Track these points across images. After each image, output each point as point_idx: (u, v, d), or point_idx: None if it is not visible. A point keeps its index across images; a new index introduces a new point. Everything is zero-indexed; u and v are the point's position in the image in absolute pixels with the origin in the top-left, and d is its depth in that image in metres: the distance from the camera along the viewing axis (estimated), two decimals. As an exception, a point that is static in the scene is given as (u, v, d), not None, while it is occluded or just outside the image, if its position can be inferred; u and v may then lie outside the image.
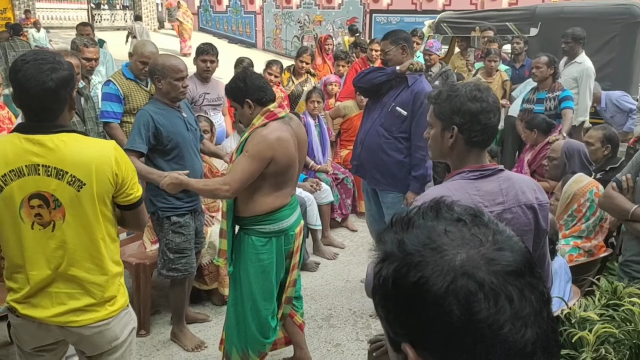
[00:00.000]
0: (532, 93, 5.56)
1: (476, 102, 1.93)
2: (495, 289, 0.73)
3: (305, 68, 6.38)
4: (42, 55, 2.04)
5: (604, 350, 2.24)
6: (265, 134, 2.81)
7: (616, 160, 4.02)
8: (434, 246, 0.78)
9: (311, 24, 18.99)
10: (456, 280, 0.73)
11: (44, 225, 2.06)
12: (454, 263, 0.75)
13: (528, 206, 1.98)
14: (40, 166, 2.01)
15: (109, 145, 2.15)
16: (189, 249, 3.57)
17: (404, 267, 0.78)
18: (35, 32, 15.58)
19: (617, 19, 6.64)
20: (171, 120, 3.33)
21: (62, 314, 2.13)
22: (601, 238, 3.25)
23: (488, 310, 0.72)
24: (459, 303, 0.72)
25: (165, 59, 3.38)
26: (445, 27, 8.13)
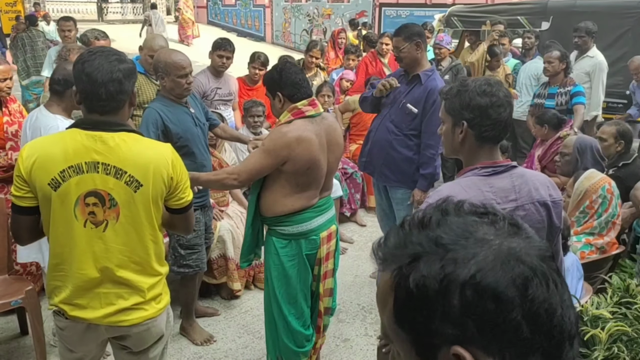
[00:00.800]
0: (543, 88, 5.51)
1: (485, 96, 1.91)
2: (545, 273, 0.73)
3: (315, 63, 6.36)
4: (109, 48, 2.12)
5: (616, 348, 2.23)
6: (285, 132, 2.74)
7: (629, 156, 3.99)
8: (478, 237, 0.76)
9: (320, 17, 18.92)
10: (513, 268, 0.72)
11: (97, 224, 2.05)
12: (503, 251, 0.74)
13: (541, 203, 1.97)
14: (100, 164, 2.00)
15: (166, 148, 2.16)
16: (200, 244, 3.56)
17: (450, 262, 0.73)
18: (45, 25, 15.62)
19: (630, 13, 6.57)
20: (179, 116, 3.29)
21: (111, 314, 2.13)
22: (613, 235, 3.23)
23: (544, 295, 0.71)
24: (518, 290, 0.71)
25: (168, 55, 3.31)
26: (455, 21, 8.07)
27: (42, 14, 16.48)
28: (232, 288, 4.23)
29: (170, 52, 3.36)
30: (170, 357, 3.58)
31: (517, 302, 0.70)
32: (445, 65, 6.60)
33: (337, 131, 2.98)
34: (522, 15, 7.42)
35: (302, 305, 2.97)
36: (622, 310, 2.44)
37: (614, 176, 3.80)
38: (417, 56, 3.82)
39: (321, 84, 5.78)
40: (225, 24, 22.66)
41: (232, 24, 22.35)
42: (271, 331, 3.02)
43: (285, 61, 2.96)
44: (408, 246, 0.78)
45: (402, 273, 0.77)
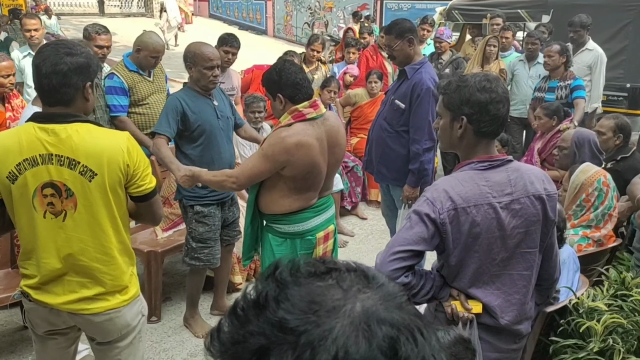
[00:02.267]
0: (543, 81, 5.52)
1: (485, 92, 1.94)
2: (409, 325, 0.63)
3: (317, 56, 6.36)
4: (65, 42, 2.11)
5: (611, 340, 2.26)
6: (284, 137, 2.67)
7: (628, 149, 4.00)
8: (328, 307, 0.63)
9: (322, 10, 18.88)
10: (375, 333, 0.61)
11: (56, 214, 2.09)
12: (358, 315, 0.62)
13: (536, 197, 1.99)
14: (54, 155, 2.04)
15: (121, 135, 2.17)
16: (213, 239, 3.55)
17: (305, 349, 0.60)
18: (46, 19, 15.60)
19: (631, 6, 6.55)
20: (200, 107, 3.34)
21: (73, 301, 2.17)
22: (610, 227, 3.25)
23: (414, 352, 0.62)
24: (388, 357, 0.61)
25: (197, 46, 3.36)
26: (456, 14, 8.07)
27: (43, 7, 16.45)
28: (233, 282, 4.26)
29: (200, 44, 3.40)
30: (172, 350, 3.62)
31: None
32: (445, 59, 6.61)
33: (339, 132, 2.92)
34: (522, 9, 7.41)
35: None
36: (617, 303, 2.47)
37: (613, 170, 3.81)
38: (410, 52, 3.77)
39: (329, 79, 5.77)
40: (226, 17, 22.61)
41: (234, 17, 22.30)
42: None
43: (284, 60, 2.93)
44: (248, 339, 0.63)
45: None
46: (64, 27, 16.87)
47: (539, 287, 2.16)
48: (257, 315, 0.64)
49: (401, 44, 3.72)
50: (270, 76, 2.80)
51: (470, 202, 1.92)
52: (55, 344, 2.33)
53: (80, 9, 21.88)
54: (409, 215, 1.97)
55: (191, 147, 3.37)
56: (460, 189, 1.93)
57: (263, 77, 2.90)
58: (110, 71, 4.42)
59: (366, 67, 6.81)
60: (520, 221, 1.97)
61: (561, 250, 2.59)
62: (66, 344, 2.37)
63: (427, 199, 1.94)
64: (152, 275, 3.87)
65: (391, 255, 1.92)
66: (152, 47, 4.31)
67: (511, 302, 2.04)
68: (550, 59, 5.28)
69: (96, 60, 2.17)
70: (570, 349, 2.36)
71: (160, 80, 4.58)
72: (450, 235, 1.94)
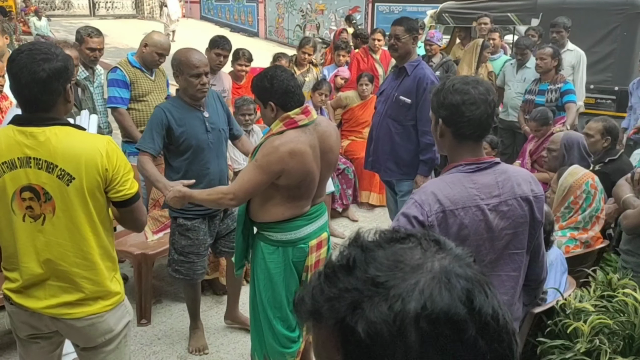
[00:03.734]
0: (534, 84, 5.57)
1: (457, 94, 1.94)
2: (480, 280, 0.72)
3: (308, 59, 6.38)
4: (38, 46, 2.05)
5: (598, 340, 2.28)
6: (277, 145, 2.61)
7: (615, 152, 4.04)
8: (412, 264, 0.72)
9: (313, 12, 18.91)
10: (455, 286, 0.69)
11: (35, 218, 2.07)
12: (439, 271, 0.71)
13: (523, 198, 2.01)
14: (32, 159, 2.02)
15: (100, 139, 2.13)
16: (196, 254, 3.41)
17: (396, 299, 0.68)
18: (36, 20, 15.55)
19: (619, 10, 6.62)
20: (188, 120, 3.18)
21: (54, 306, 2.14)
22: (598, 229, 3.28)
23: (486, 303, 0.70)
24: (466, 306, 0.68)
25: (183, 53, 3.19)
26: (447, 17, 8.11)
27: (33, 8, 16.39)
28: (224, 284, 4.26)
29: (186, 50, 3.23)
30: (162, 352, 3.62)
31: (469, 319, 0.68)
32: (436, 62, 6.64)
33: (331, 137, 2.85)
34: (512, 12, 7.46)
35: (287, 310, 2.89)
36: (604, 304, 2.49)
37: (601, 172, 3.85)
38: (411, 49, 3.98)
39: (320, 81, 5.80)
40: (218, 19, 22.59)
41: (225, 19, 22.28)
42: (257, 331, 2.96)
43: (275, 67, 2.83)
44: (343, 294, 0.71)
45: (346, 325, 0.69)
46: (54, 28, 16.80)
47: (526, 287, 2.18)
48: (347, 274, 0.72)
49: (408, 38, 3.92)
50: (261, 83, 2.72)
51: (458, 204, 1.93)
52: (38, 348, 2.31)
53: (71, 10, 21.80)
54: (397, 217, 1.98)
55: (178, 161, 3.25)
56: (448, 192, 1.94)
57: (253, 84, 2.78)
58: (115, 65, 4.47)
59: (357, 70, 6.84)
60: (508, 223, 1.99)
61: (549, 252, 2.62)
62: (50, 348, 2.34)
63: (415, 202, 1.95)
64: (143, 277, 3.86)
65: None
66: (160, 44, 4.37)
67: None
68: (543, 61, 5.33)
69: (71, 59, 2.12)
70: (558, 349, 2.39)
71: (161, 81, 4.63)
72: None
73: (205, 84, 3.15)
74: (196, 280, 3.53)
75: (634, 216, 2.94)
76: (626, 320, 2.32)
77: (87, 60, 4.45)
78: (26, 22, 16.06)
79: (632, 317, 2.32)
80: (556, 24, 6.08)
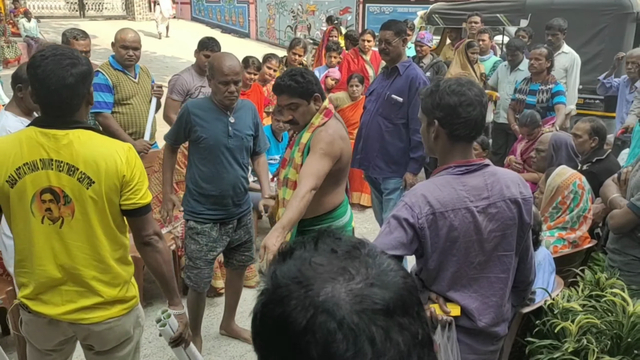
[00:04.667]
0: (524, 83, 5.60)
1: (454, 95, 1.96)
2: (354, 329, 0.68)
3: (298, 60, 6.38)
4: (61, 50, 2.05)
5: (585, 340, 2.30)
6: (332, 133, 2.82)
7: (603, 152, 4.08)
8: (302, 279, 0.73)
9: (304, 13, 18.91)
10: (315, 317, 0.69)
11: (54, 220, 2.07)
12: (317, 299, 0.70)
13: (512, 200, 2.02)
14: (54, 161, 2.03)
15: (121, 145, 2.14)
16: (204, 260, 3.36)
17: (271, 302, 0.73)
18: (25, 22, 15.45)
19: (607, 11, 6.68)
20: (211, 120, 3.21)
21: (72, 311, 2.15)
22: (585, 229, 3.31)
23: (346, 352, 0.67)
24: (317, 342, 0.68)
25: (218, 58, 3.23)
26: (437, 18, 8.14)
27: (23, 10, 16.27)
28: (215, 286, 4.26)
29: (222, 56, 3.25)
30: (153, 356, 3.62)
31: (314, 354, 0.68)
32: (426, 63, 6.67)
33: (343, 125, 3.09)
34: (501, 13, 7.50)
35: None
36: (592, 303, 2.51)
37: (588, 172, 3.88)
38: (402, 51, 4.09)
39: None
40: (209, 20, 22.54)
41: (216, 20, 22.24)
42: None
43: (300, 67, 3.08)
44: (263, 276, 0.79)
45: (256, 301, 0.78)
46: (44, 29, 16.69)
47: (515, 289, 2.19)
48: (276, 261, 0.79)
49: (398, 41, 4.02)
50: (306, 79, 2.87)
51: (448, 206, 1.94)
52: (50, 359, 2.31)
53: (60, 12, 21.65)
54: (388, 220, 1.99)
55: (196, 157, 3.29)
56: (438, 194, 1.95)
57: (292, 87, 2.88)
58: (96, 69, 4.41)
59: (347, 71, 6.84)
60: (497, 225, 2.00)
61: (537, 252, 2.64)
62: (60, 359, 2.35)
63: (405, 204, 1.96)
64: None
65: None
66: (121, 38, 4.31)
67: (488, 304, 2.07)
68: (538, 62, 5.35)
69: (89, 60, 2.15)
70: (546, 349, 2.41)
71: (145, 83, 4.58)
72: (429, 240, 1.96)
73: (233, 92, 3.15)
74: (203, 290, 3.48)
75: (620, 216, 2.97)
76: (614, 319, 2.34)
77: None
78: (15, 23, 15.94)
79: (619, 316, 2.34)
80: (552, 26, 6.11)
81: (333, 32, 8.22)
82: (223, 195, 3.29)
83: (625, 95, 5.71)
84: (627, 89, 5.68)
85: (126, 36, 4.33)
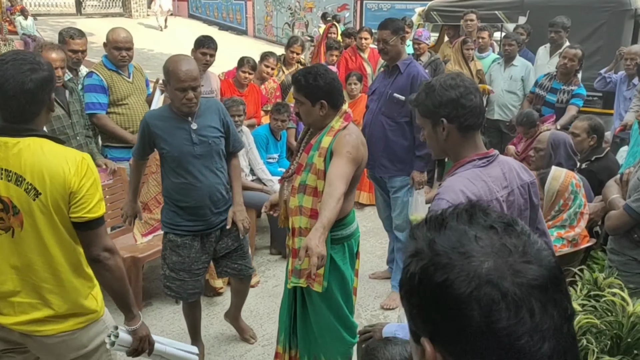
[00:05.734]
0: (547, 79, 5.57)
1: (453, 89, 1.99)
2: (517, 301, 0.74)
3: (296, 58, 6.38)
4: (22, 55, 2.00)
5: (585, 340, 2.29)
6: (355, 137, 2.77)
7: (601, 150, 4.07)
8: (463, 250, 0.78)
9: (302, 10, 18.88)
10: (480, 287, 0.75)
11: (5, 230, 2.01)
12: (480, 270, 0.76)
13: (524, 185, 2.10)
14: (3, 170, 1.97)
15: (73, 155, 2.04)
16: (187, 271, 3.22)
17: (431, 266, 0.79)
18: (22, 19, 15.41)
19: (605, 7, 6.66)
20: (171, 130, 3.04)
21: (24, 322, 2.09)
22: (583, 225, 3.30)
23: (508, 321, 0.73)
24: (481, 310, 0.74)
25: (173, 62, 2.98)
26: (435, 16, 8.12)
27: (19, 8, 16.21)
28: (214, 286, 4.27)
29: (177, 60, 2.99)
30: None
31: (476, 319, 0.74)
32: (424, 60, 6.65)
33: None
34: (500, 10, 7.49)
35: (352, 302, 3.03)
36: (591, 303, 2.51)
37: (587, 170, 3.88)
38: (401, 49, 4.05)
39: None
40: (206, 17, 22.49)
41: (214, 17, 22.19)
42: (329, 331, 2.94)
43: (319, 65, 2.90)
44: (414, 239, 0.85)
45: (408, 260, 0.84)
46: (40, 27, 16.65)
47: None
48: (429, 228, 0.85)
49: (396, 39, 3.98)
50: (316, 83, 2.73)
51: (483, 199, 1.97)
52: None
53: (57, 9, 21.58)
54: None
55: (165, 171, 3.15)
56: (473, 188, 1.98)
57: (301, 83, 2.77)
58: (90, 70, 4.39)
59: (345, 69, 6.84)
60: (514, 211, 2.07)
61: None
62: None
63: (447, 202, 1.94)
64: (132, 280, 3.84)
65: None
66: (113, 39, 4.27)
67: None
68: (571, 62, 5.32)
69: (51, 66, 2.08)
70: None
71: (139, 81, 4.55)
72: None
73: (191, 99, 2.96)
74: (187, 300, 3.35)
75: (616, 217, 2.98)
76: (614, 319, 2.34)
77: (70, 62, 4.35)
78: (12, 21, 15.89)
79: (619, 316, 2.34)
80: (555, 23, 6.10)
81: (332, 28, 8.20)
82: (199, 205, 3.13)
83: (622, 92, 5.70)
84: (624, 86, 5.67)
85: (118, 37, 4.28)
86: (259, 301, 4.28)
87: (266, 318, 4.09)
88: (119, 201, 4.27)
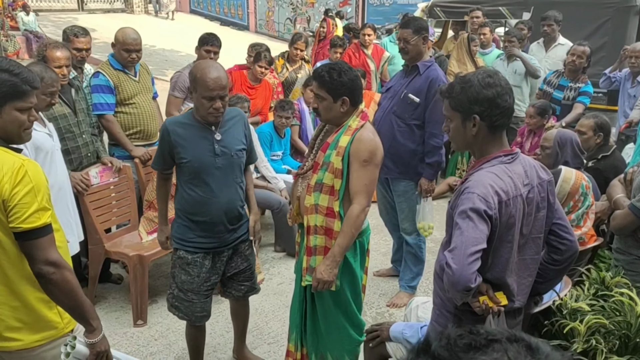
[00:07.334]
0: (555, 76, 5.57)
1: (490, 88, 2.03)
2: None
3: (300, 55, 6.36)
4: None
5: (594, 340, 2.30)
6: (373, 138, 2.75)
7: (608, 148, 4.06)
8: None
9: (304, 6, 18.83)
10: None
11: None
12: None
13: (543, 183, 2.14)
14: None
15: (13, 161, 1.93)
16: (196, 292, 3.04)
17: None
18: (24, 15, 15.39)
19: (610, 3, 6.65)
20: (193, 139, 2.87)
21: None
22: (590, 224, 3.30)
23: None
24: None
25: (201, 68, 2.82)
26: (438, 11, 8.10)
27: (21, 4, 16.18)
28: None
29: (206, 66, 2.85)
30: (160, 354, 3.62)
31: None
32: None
33: None
34: (504, 6, 7.47)
35: (361, 298, 3.01)
36: (600, 303, 2.51)
37: (594, 168, 3.87)
38: (422, 50, 3.92)
39: (310, 77, 5.79)
40: (208, 12, 22.45)
41: (215, 12, 22.15)
42: (338, 329, 2.94)
43: (342, 62, 2.86)
44: None
45: None
46: (42, 23, 16.62)
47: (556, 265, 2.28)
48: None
49: (417, 39, 3.86)
50: (340, 79, 2.70)
51: (510, 195, 2.01)
52: None
53: (59, 5, 21.54)
54: (466, 213, 1.96)
55: (182, 182, 2.97)
56: (501, 183, 2.01)
57: (324, 78, 2.73)
58: (96, 69, 4.38)
59: (349, 66, 6.81)
60: (533, 208, 2.11)
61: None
62: None
63: (478, 196, 1.97)
64: (138, 278, 3.85)
65: (468, 257, 1.91)
66: (123, 40, 4.23)
67: (525, 284, 2.20)
68: (579, 59, 5.32)
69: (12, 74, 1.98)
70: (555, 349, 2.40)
71: (146, 80, 4.53)
72: (496, 229, 2.02)
73: (218, 109, 2.81)
74: (195, 323, 3.17)
75: (621, 217, 2.98)
76: (622, 320, 2.34)
77: (74, 61, 4.31)
78: (14, 17, 15.86)
79: (628, 316, 2.34)
80: (547, 17, 6.12)
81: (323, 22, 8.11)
82: (214, 222, 2.96)
83: (627, 89, 5.69)
84: (628, 83, 5.66)
85: (128, 39, 4.23)
86: (264, 299, 4.28)
87: (271, 316, 4.09)
88: (125, 199, 4.27)
